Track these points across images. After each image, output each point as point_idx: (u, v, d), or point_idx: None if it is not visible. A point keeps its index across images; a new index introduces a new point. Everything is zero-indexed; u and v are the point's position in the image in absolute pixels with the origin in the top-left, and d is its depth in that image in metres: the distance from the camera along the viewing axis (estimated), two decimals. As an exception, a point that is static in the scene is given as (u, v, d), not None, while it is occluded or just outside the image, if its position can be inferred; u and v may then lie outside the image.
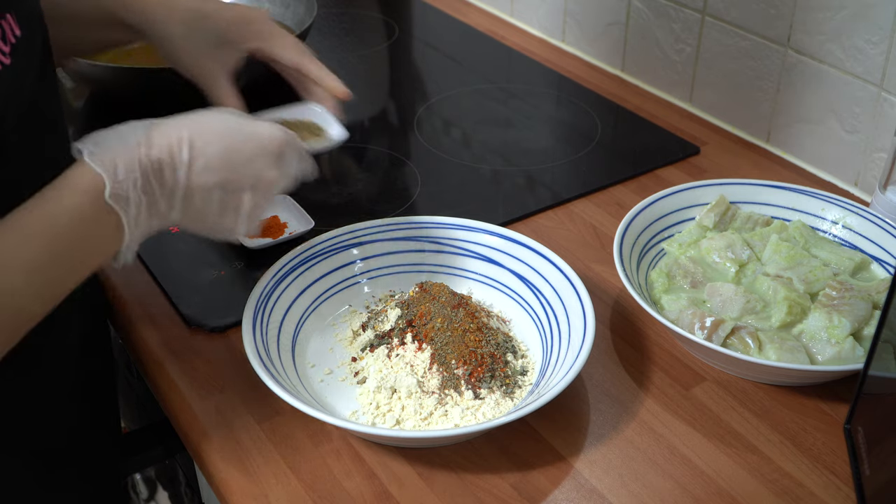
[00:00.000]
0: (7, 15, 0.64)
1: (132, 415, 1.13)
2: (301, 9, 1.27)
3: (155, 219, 0.66)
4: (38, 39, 0.69)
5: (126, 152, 0.64)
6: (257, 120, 0.71)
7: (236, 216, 0.68)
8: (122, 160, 0.63)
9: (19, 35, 0.65)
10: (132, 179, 0.63)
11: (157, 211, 0.65)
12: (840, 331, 0.77)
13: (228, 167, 0.66)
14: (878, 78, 0.98)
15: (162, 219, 0.66)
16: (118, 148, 0.64)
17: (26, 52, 0.66)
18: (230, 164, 0.67)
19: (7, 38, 0.63)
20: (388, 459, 0.72)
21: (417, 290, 0.81)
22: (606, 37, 1.29)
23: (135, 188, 0.63)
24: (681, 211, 0.91)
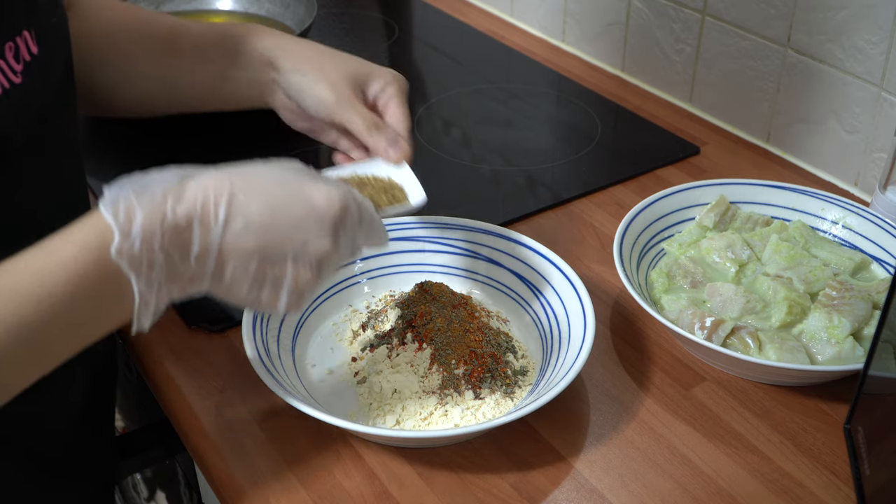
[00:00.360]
0: (24, 32, 0.63)
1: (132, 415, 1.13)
2: (301, 9, 1.27)
3: (176, 285, 0.57)
4: (58, 60, 0.68)
5: (150, 203, 0.55)
6: (322, 177, 0.62)
7: (276, 291, 0.59)
8: (143, 212, 0.55)
9: (36, 53, 0.64)
10: (149, 235, 0.55)
11: (179, 276, 0.56)
12: (840, 331, 0.77)
13: (271, 230, 0.57)
14: (878, 78, 0.98)
15: (186, 285, 0.58)
16: (143, 197, 0.55)
17: (41, 71, 0.64)
18: (274, 228, 0.57)
19: (21, 55, 0.62)
20: (388, 459, 0.72)
21: (417, 290, 0.81)
22: (606, 37, 1.29)
23: (150, 247, 0.55)
24: (681, 211, 0.91)
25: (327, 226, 0.59)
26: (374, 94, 0.81)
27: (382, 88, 0.81)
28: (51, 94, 0.67)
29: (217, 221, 0.56)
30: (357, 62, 0.82)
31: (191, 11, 1.31)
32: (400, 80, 0.82)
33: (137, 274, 0.55)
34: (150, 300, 0.56)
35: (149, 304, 0.57)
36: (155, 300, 0.57)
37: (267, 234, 0.58)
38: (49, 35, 0.66)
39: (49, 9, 0.67)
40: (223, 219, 0.56)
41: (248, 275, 0.58)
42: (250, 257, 0.58)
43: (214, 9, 1.32)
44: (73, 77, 0.73)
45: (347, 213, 0.61)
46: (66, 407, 0.77)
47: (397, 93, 0.81)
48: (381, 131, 0.78)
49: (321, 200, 0.59)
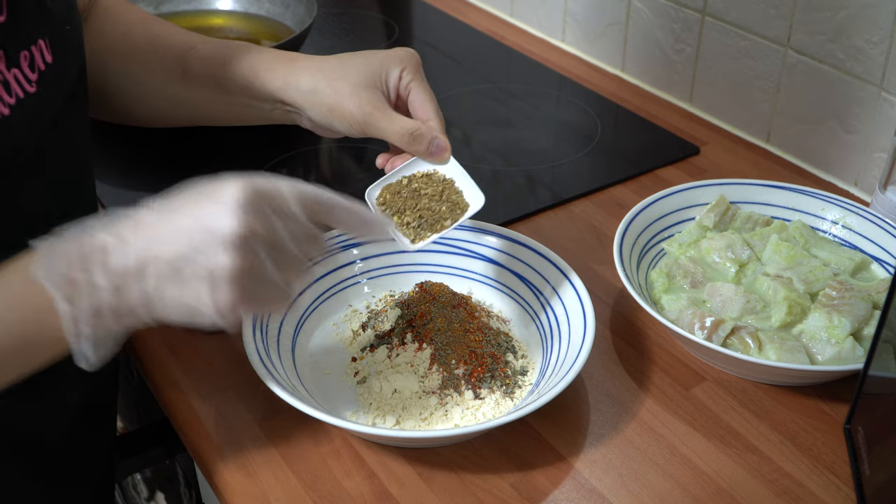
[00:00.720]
0: (39, 41, 0.62)
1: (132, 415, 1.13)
2: (301, 9, 1.27)
3: (107, 307, 0.57)
4: (71, 67, 0.68)
5: (70, 237, 0.58)
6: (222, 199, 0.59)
7: (208, 297, 0.57)
8: (63, 242, 0.57)
9: (50, 62, 0.63)
10: (67, 257, 0.56)
11: (103, 296, 0.57)
12: (840, 331, 0.77)
13: (182, 232, 0.58)
14: (878, 78, 0.98)
15: (116, 306, 0.57)
16: (70, 234, 0.58)
17: (55, 79, 0.64)
18: (183, 228, 0.58)
19: (36, 64, 0.62)
20: (388, 459, 0.72)
21: (417, 290, 0.81)
22: (606, 37, 1.29)
23: (67, 264, 0.56)
24: (681, 211, 0.91)
25: (230, 209, 0.57)
26: (394, 86, 0.80)
27: (400, 77, 0.79)
28: (63, 101, 0.67)
29: (132, 234, 0.57)
30: (365, 62, 0.80)
31: (191, 11, 1.31)
32: (413, 58, 0.80)
33: (58, 289, 0.56)
34: (81, 323, 0.57)
35: (80, 330, 0.57)
36: (89, 325, 0.57)
37: (176, 234, 0.57)
38: (63, 43, 0.66)
39: (63, 17, 0.67)
40: (137, 233, 0.57)
41: (171, 280, 0.57)
42: (166, 261, 0.57)
43: (214, 9, 1.32)
44: (85, 83, 0.73)
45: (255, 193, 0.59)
46: (65, 407, 0.77)
47: (415, 75, 0.79)
48: (419, 139, 0.77)
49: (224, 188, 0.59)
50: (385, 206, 0.78)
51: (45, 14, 0.64)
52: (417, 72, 0.79)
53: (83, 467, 0.81)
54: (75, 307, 0.56)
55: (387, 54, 0.80)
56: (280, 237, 0.59)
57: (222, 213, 0.57)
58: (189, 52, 0.84)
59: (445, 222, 0.76)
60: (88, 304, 0.57)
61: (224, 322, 0.59)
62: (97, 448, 0.84)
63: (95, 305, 0.57)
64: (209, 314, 0.58)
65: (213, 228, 0.57)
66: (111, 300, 0.57)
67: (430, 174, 0.79)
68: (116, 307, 0.58)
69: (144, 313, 0.59)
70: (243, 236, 0.57)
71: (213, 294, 0.57)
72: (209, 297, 0.57)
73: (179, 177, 1.04)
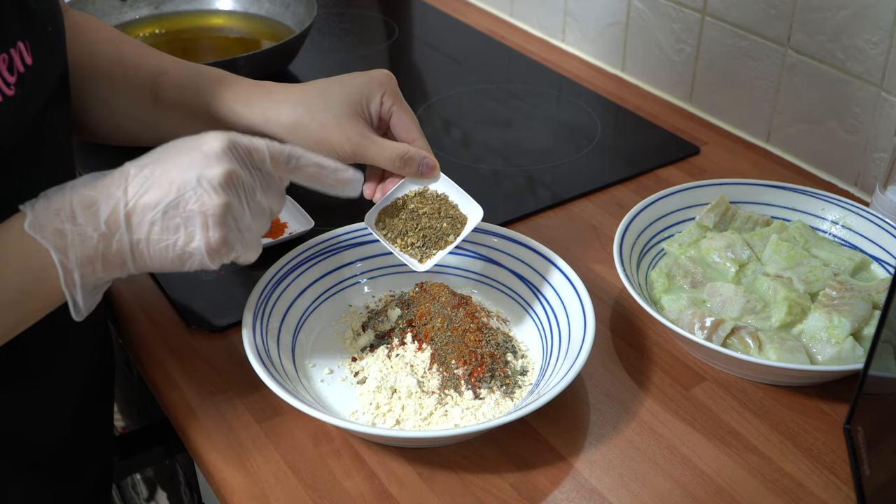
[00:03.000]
0: (19, 42, 0.62)
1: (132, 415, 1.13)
2: (301, 9, 1.27)
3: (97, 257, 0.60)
4: (53, 69, 0.68)
5: (57, 194, 0.61)
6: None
7: (192, 231, 0.61)
8: (51, 201, 0.60)
9: (30, 64, 0.63)
10: (54, 210, 0.60)
11: (93, 245, 0.60)
12: (840, 331, 0.77)
13: (165, 179, 0.61)
14: (878, 78, 0.98)
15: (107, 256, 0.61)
16: (55, 193, 0.61)
17: (36, 82, 0.64)
18: (166, 175, 0.61)
19: (14, 67, 0.61)
20: (388, 459, 0.72)
21: (417, 290, 0.81)
22: (606, 37, 1.29)
23: (56, 218, 0.59)
24: (681, 211, 0.91)
25: (213, 156, 0.62)
26: (375, 112, 0.79)
27: (381, 102, 0.79)
28: (45, 104, 0.66)
29: (118, 189, 0.61)
30: (345, 91, 0.79)
31: (191, 11, 1.31)
32: (390, 81, 0.80)
33: (48, 242, 0.59)
34: (74, 272, 0.60)
35: (74, 279, 0.60)
36: (79, 274, 0.60)
37: (162, 183, 0.61)
38: (44, 45, 0.65)
39: (45, 18, 0.66)
40: (123, 187, 0.61)
41: (160, 225, 0.61)
42: (154, 207, 0.60)
43: (214, 9, 1.32)
44: (67, 85, 0.73)
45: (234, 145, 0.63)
46: (65, 407, 0.77)
47: (395, 98, 0.80)
48: (409, 162, 0.78)
49: (205, 141, 0.63)
50: (386, 230, 0.79)
51: (27, 15, 0.63)
52: (396, 94, 0.80)
53: (82, 467, 0.81)
54: (67, 257, 0.59)
55: (364, 80, 0.80)
56: (253, 187, 0.63)
57: (208, 160, 0.61)
58: (160, 78, 0.83)
59: (449, 238, 0.78)
60: (79, 253, 0.60)
61: (214, 260, 0.62)
62: (96, 448, 0.84)
63: (86, 255, 0.60)
64: (199, 254, 0.62)
65: (200, 173, 0.61)
66: (101, 249, 0.60)
67: (422, 192, 0.80)
68: (106, 256, 0.61)
69: (132, 261, 0.62)
70: (228, 178, 0.61)
71: (204, 232, 0.61)
72: (200, 236, 0.61)
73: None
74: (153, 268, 0.63)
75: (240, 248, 0.63)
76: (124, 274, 0.63)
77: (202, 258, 0.62)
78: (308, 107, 0.78)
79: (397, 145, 0.78)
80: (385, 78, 0.80)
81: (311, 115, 0.77)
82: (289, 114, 0.78)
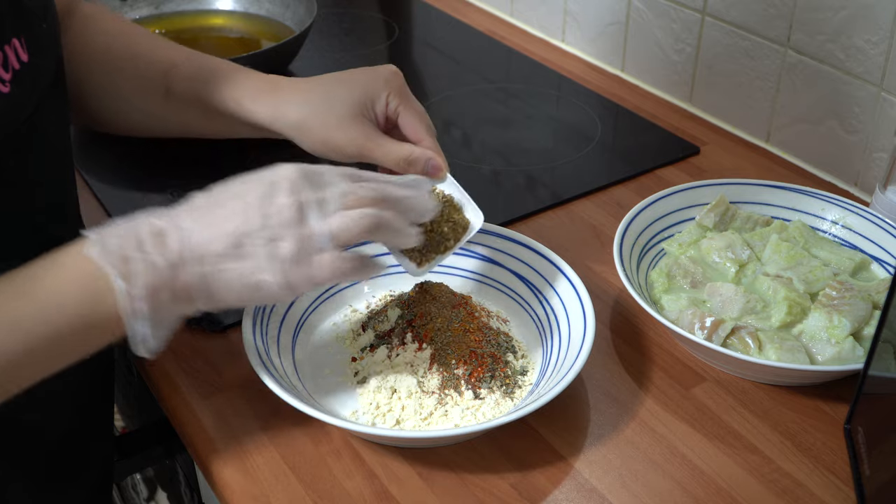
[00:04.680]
0: (14, 39, 0.62)
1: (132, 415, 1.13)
2: (301, 9, 1.27)
3: (164, 287, 0.59)
4: (48, 66, 0.67)
5: (125, 223, 0.60)
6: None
7: (272, 268, 0.60)
8: (118, 228, 0.59)
9: (26, 61, 0.63)
10: (123, 238, 0.58)
11: (161, 274, 0.58)
12: (840, 331, 0.77)
13: (238, 209, 0.60)
14: (878, 78, 0.98)
15: (175, 289, 0.59)
16: (121, 222, 0.60)
17: (31, 79, 0.64)
18: (238, 203, 0.61)
19: (10, 64, 0.61)
20: (388, 459, 0.72)
21: (417, 290, 0.81)
22: (606, 37, 1.29)
23: (124, 245, 0.58)
24: (681, 211, 0.91)
25: (282, 186, 0.61)
26: (381, 112, 0.79)
27: (386, 102, 0.78)
28: (41, 100, 0.66)
29: (186, 219, 0.60)
30: (349, 92, 0.78)
31: (191, 11, 1.31)
32: (396, 79, 0.79)
33: (112, 266, 0.57)
34: (137, 301, 0.58)
35: (137, 308, 0.58)
36: (145, 303, 0.58)
37: (230, 214, 0.60)
38: (39, 41, 0.65)
39: (39, 14, 0.66)
40: (191, 218, 0.60)
41: (230, 257, 0.59)
42: (223, 238, 0.59)
43: (214, 9, 1.32)
44: (64, 82, 0.72)
45: (304, 175, 0.62)
46: (65, 407, 0.77)
47: (401, 97, 0.78)
48: (414, 164, 0.77)
49: (275, 171, 0.62)
50: None
51: (19, 11, 0.63)
52: (402, 92, 0.78)
53: (82, 467, 0.81)
54: (131, 285, 0.57)
55: (369, 78, 0.78)
56: (328, 199, 0.62)
57: (277, 190, 0.60)
58: (171, 71, 0.83)
59: (448, 243, 0.77)
60: (145, 282, 0.58)
61: (288, 291, 0.61)
62: (96, 448, 0.84)
63: (152, 284, 0.58)
64: (271, 285, 0.60)
65: (270, 203, 0.60)
66: (168, 280, 0.59)
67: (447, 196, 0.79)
68: (173, 288, 0.59)
69: (201, 296, 0.60)
70: (298, 208, 0.60)
71: (275, 263, 0.60)
72: (271, 266, 0.60)
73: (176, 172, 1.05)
74: (223, 300, 0.61)
75: (317, 275, 0.62)
76: (193, 309, 0.61)
77: (274, 288, 0.61)
78: (313, 107, 0.78)
79: (401, 148, 0.77)
80: (391, 76, 0.78)
81: (315, 115, 0.77)
82: (294, 113, 0.78)
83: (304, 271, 0.61)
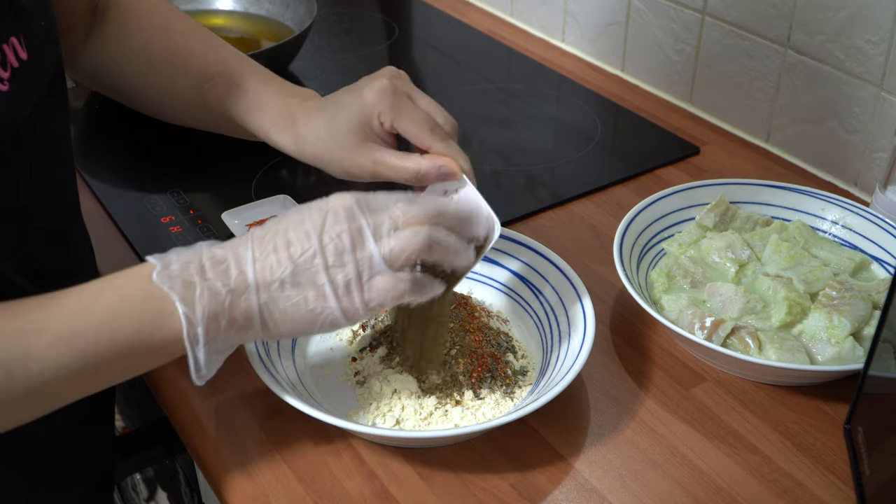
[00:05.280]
0: (12, 38, 0.62)
1: (132, 415, 1.13)
2: (301, 9, 1.27)
3: (224, 314, 0.60)
4: (47, 64, 0.67)
5: (186, 250, 0.61)
6: None
7: (331, 294, 0.61)
8: (181, 255, 0.61)
9: (25, 59, 0.63)
10: (184, 263, 0.60)
11: (221, 301, 0.60)
12: (840, 331, 0.77)
13: (295, 238, 0.62)
14: (878, 78, 0.98)
15: (235, 316, 0.60)
16: (182, 250, 0.62)
17: (30, 76, 0.64)
18: (293, 237, 0.62)
19: (8, 62, 0.61)
20: (388, 459, 0.72)
21: (417, 290, 0.81)
22: (606, 37, 1.29)
23: (186, 270, 0.60)
24: (681, 211, 0.91)
25: (338, 215, 0.62)
26: (380, 132, 0.76)
27: (380, 123, 0.75)
28: (40, 99, 0.66)
29: (247, 249, 0.61)
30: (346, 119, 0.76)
31: (191, 11, 1.31)
32: (384, 95, 0.75)
33: (175, 292, 0.59)
34: (198, 326, 0.59)
35: (198, 334, 0.59)
36: (204, 329, 0.59)
37: (288, 243, 0.61)
38: (37, 40, 0.65)
39: (37, 12, 0.66)
40: (251, 247, 0.61)
41: (289, 284, 0.61)
42: (282, 267, 0.61)
43: (214, 9, 1.32)
44: (63, 82, 0.73)
45: (358, 202, 0.63)
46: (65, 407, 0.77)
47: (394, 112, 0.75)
48: (426, 177, 0.75)
49: (330, 200, 0.63)
50: None
51: (17, 10, 0.63)
52: (394, 105, 0.75)
53: (82, 467, 0.81)
54: (192, 310, 0.59)
55: (359, 105, 0.75)
56: (382, 222, 0.63)
57: (333, 218, 0.62)
58: (205, 86, 0.83)
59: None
60: (205, 308, 0.59)
61: (348, 318, 0.62)
62: (97, 448, 0.84)
63: (213, 310, 0.59)
64: (332, 311, 0.62)
65: (326, 232, 0.61)
66: (228, 308, 0.60)
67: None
68: (233, 315, 0.60)
69: (261, 325, 0.62)
70: (354, 235, 0.61)
71: (335, 289, 0.61)
72: (331, 293, 0.61)
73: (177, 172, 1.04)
74: (282, 330, 0.62)
75: (374, 299, 0.62)
76: (249, 338, 0.63)
77: (334, 315, 0.62)
78: (323, 142, 0.77)
79: (410, 164, 0.75)
80: (376, 96, 0.75)
81: (327, 150, 0.77)
82: (310, 149, 0.78)
83: (362, 296, 0.62)
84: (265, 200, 0.96)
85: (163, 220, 0.96)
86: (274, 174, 1.04)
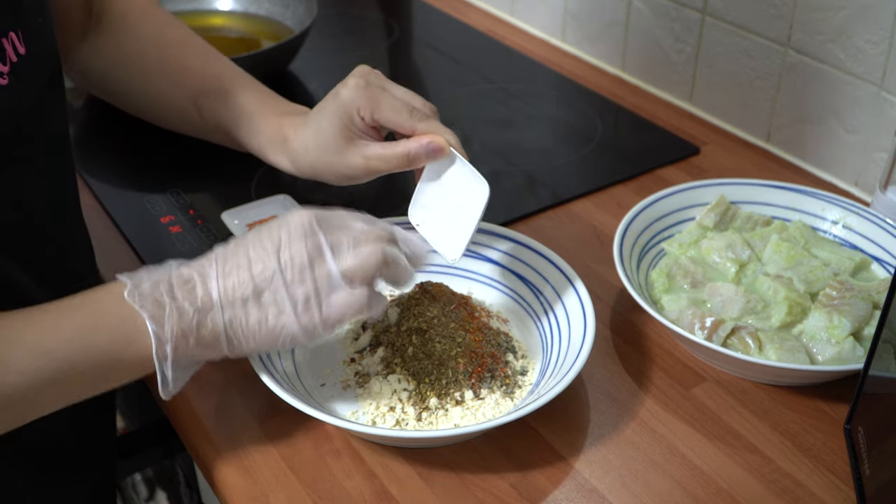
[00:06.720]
0: (11, 33, 0.62)
1: (131, 414, 1.13)
2: (301, 9, 1.27)
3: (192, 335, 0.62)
4: (45, 59, 0.68)
5: (156, 270, 0.63)
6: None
7: (290, 311, 0.63)
8: (150, 274, 0.63)
9: (23, 54, 0.63)
10: (154, 283, 0.62)
11: (188, 320, 0.62)
12: (840, 331, 0.77)
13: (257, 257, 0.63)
14: (878, 78, 0.98)
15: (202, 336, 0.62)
16: (152, 269, 0.64)
17: (29, 70, 0.64)
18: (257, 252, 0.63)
19: (7, 56, 0.62)
20: (388, 459, 0.72)
21: (417, 290, 0.81)
22: (606, 37, 1.29)
23: (158, 289, 0.61)
24: (681, 211, 0.91)
25: (297, 233, 0.63)
26: (363, 127, 0.77)
27: (361, 118, 0.76)
28: (39, 94, 0.67)
29: (211, 268, 0.63)
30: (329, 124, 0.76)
31: (191, 11, 1.31)
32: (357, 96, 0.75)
33: (145, 310, 0.60)
34: (167, 345, 0.61)
35: (166, 352, 0.61)
36: (172, 347, 0.61)
37: (250, 262, 0.63)
38: (35, 35, 0.66)
39: (35, 8, 0.66)
40: (215, 267, 0.63)
41: (251, 303, 0.63)
42: (244, 285, 0.62)
43: (214, 9, 1.32)
44: (61, 76, 0.73)
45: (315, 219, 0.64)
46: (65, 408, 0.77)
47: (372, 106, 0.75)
48: (416, 159, 0.75)
49: (290, 219, 0.64)
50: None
51: (15, 5, 0.63)
52: (371, 99, 0.75)
53: (83, 467, 0.81)
54: (162, 329, 0.61)
55: (336, 107, 0.76)
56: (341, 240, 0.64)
57: (290, 236, 0.63)
58: (200, 100, 0.84)
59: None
60: (173, 327, 0.61)
61: (307, 335, 0.64)
62: (97, 448, 0.84)
63: (181, 329, 0.61)
64: (290, 328, 0.63)
65: (285, 249, 0.63)
66: (196, 326, 0.62)
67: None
68: (200, 334, 0.62)
69: (226, 343, 0.63)
70: (312, 252, 0.63)
71: (293, 306, 0.63)
72: (290, 310, 0.63)
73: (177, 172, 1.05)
74: (245, 347, 0.64)
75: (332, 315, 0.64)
76: (214, 355, 0.64)
77: (293, 330, 0.64)
78: (315, 153, 0.78)
79: (398, 149, 0.75)
80: (352, 93, 0.75)
81: (319, 159, 0.78)
82: (305, 162, 0.79)
83: (321, 313, 0.64)
84: (265, 200, 0.96)
85: (162, 219, 0.96)
86: (274, 174, 1.03)
